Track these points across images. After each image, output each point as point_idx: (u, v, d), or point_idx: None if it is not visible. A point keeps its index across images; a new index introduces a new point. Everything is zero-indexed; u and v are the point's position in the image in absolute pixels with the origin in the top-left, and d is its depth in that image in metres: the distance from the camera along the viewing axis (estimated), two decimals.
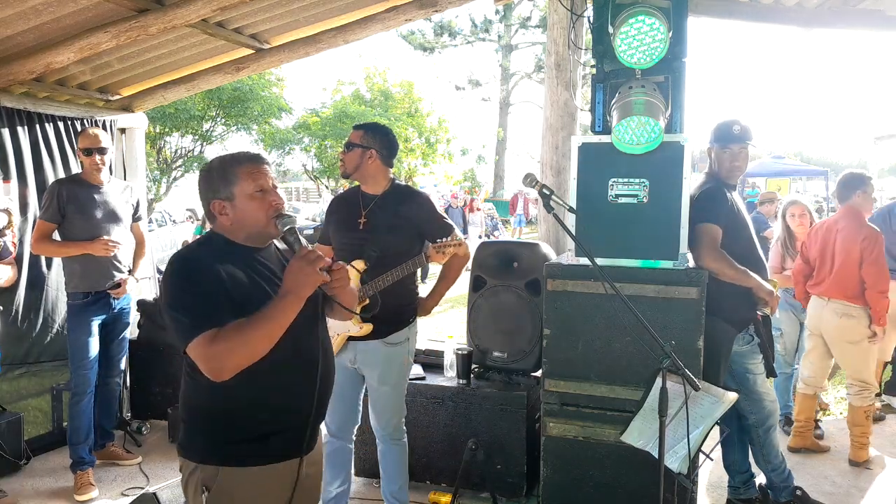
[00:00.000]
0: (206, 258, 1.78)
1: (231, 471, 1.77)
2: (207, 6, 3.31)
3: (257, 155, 1.88)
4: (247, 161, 1.83)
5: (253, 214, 1.80)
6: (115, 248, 3.65)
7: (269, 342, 1.67)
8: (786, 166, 20.62)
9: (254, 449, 1.78)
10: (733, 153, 3.14)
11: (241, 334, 1.64)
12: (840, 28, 4.42)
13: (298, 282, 1.68)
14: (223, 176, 1.81)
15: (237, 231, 1.84)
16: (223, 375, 1.66)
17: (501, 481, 3.39)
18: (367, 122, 3.09)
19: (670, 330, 2.70)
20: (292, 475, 1.81)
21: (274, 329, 1.67)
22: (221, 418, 1.78)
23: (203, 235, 1.93)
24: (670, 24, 2.64)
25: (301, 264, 1.69)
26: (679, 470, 2.21)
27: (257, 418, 1.78)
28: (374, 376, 2.97)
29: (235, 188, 1.80)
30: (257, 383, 1.74)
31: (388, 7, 4.21)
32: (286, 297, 1.68)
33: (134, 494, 3.49)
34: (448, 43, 26.29)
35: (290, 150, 19.02)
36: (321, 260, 1.69)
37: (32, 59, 3.56)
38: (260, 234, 1.84)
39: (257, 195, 1.80)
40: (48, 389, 4.25)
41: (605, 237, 2.85)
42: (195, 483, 1.78)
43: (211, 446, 1.79)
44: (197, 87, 4.78)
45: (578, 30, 4.07)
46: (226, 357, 1.65)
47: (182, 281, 1.73)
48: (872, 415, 4.10)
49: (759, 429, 3.25)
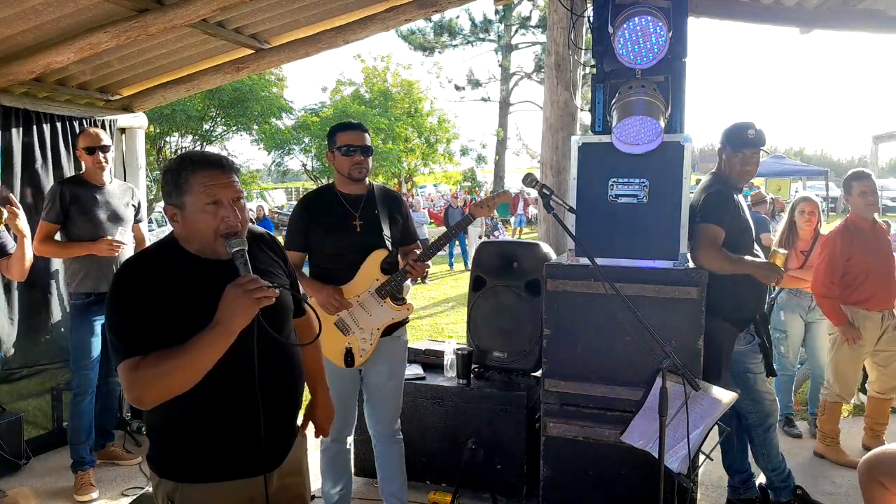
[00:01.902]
0: (151, 269, 1.64)
1: (190, 487, 1.68)
2: (207, 6, 3.31)
3: (220, 160, 1.66)
4: (205, 167, 1.63)
5: (200, 229, 1.63)
6: (120, 248, 3.65)
7: (192, 376, 1.55)
8: (786, 166, 20.66)
9: (208, 466, 1.68)
10: (745, 157, 3.12)
11: (159, 369, 1.53)
12: (839, 28, 4.43)
13: (231, 312, 1.52)
14: (176, 181, 1.63)
15: (189, 241, 1.68)
16: (143, 405, 1.59)
17: (501, 481, 3.39)
18: (360, 122, 3.03)
19: (670, 330, 2.70)
20: (260, 492, 1.72)
21: (196, 363, 1.53)
22: (172, 434, 1.69)
23: (162, 239, 1.76)
24: (670, 24, 2.64)
25: (236, 293, 1.53)
26: (679, 470, 2.21)
27: (204, 435, 1.67)
28: (382, 372, 2.97)
29: (186, 197, 1.62)
30: (197, 400, 1.62)
31: (388, 7, 4.21)
32: (214, 330, 1.53)
33: (134, 494, 3.49)
34: (448, 43, 26.25)
35: (290, 150, 19.03)
36: (260, 290, 1.53)
37: (32, 59, 3.56)
38: (208, 251, 1.67)
39: (208, 208, 1.61)
40: (48, 389, 4.24)
41: (605, 237, 2.85)
42: (161, 496, 1.72)
43: (168, 461, 1.71)
44: (197, 87, 4.78)
45: (578, 30, 4.07)
46: (143, 388, 1.55)
47: (115, 299, 1.61)
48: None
49: (758, 428, 3.25)
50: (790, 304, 4.47)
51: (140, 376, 1.54)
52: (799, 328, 4.50)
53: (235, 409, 1.67)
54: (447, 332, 8.03)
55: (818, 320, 4.40)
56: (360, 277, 2.86)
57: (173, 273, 1.64)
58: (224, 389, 1.65)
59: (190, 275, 1.65)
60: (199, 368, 1.55)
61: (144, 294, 1.59)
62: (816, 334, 4.46)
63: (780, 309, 4.52)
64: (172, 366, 1.53)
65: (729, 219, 3.02)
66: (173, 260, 1.67)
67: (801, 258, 4.43)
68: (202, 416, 1.66)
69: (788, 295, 4.48)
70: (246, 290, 1.53)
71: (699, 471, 2.85)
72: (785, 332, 4.51)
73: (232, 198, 1.64)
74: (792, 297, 4.47)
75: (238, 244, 1.61)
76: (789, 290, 4.47)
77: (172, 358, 1.53)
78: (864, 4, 4.11)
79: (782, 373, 4.56)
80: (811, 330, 4.49)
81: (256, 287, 1.54)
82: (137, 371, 1.54)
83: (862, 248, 3.88)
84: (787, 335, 4.51)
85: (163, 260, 1.67)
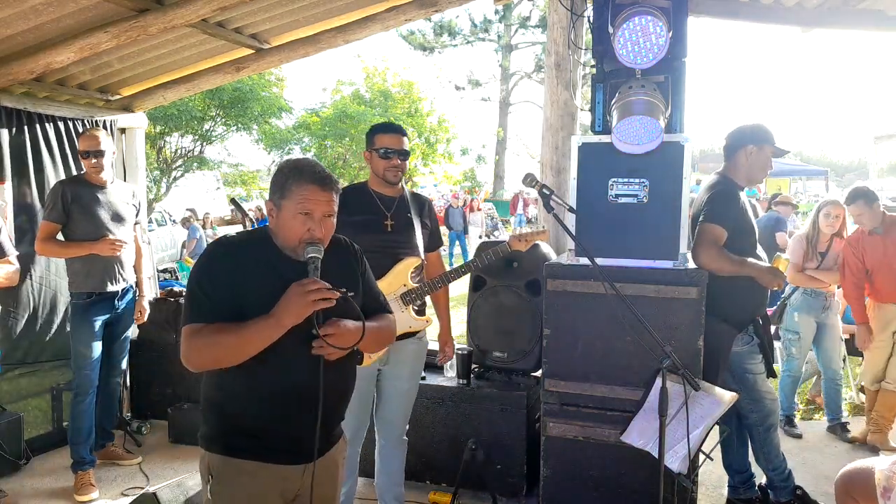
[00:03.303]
0: (240, 251, 1.81)
1: (229, 461, 1.80)
2: (207, 6, 3.31)
3: (324, 178, 1.79)
4: (309, 183, 1.77)
5: (288, 231, 1.79)
6: (122, 247, 3.65)
7: (238, 355, 1.71)
8: (786, 166, 20.64)
9: (250, 444, 1.79)
10: (767, 155, 3.14)
11: (213, 339, 1.69)
12: (840, 28, 4.43)
13: (286, 308, 1.67)
14: (282, 184, 1.80)
15: (277, 236, 1.84)
16: (190, 367, 1.73)
17: (501, 481, 3.39)
18: (401, 126, 3.02)
19: (670, 330, 2.70)
20: (294, 482, 1.82)
21: (243, 346, 1.69)
22: (222, 408, 1.83)
23: (260, 227, 1.94)
24: (670, 23, 2.64)
25: (297, 291, 1.67)
26: (679, 470, 2.21)
27: (252, 414, 1.79)
28: (403, 373, 2.97)
29: (285, 200, 1.79)
30: (259, 381, 1.76)
31: (388, 7, 4.21)
32: (267, 320, 1.68)
33: (134, 494, 3.49)
34: (448, 43, 26.27)
35: (290, 150, 19.01)
36: (319, 293, 1.66)
37: (32, 58, 3.56)
38: (291, 250, 1.82)
39: (300, 217, 1.77)
40: (48, 389, 4.25)
41: (605, 237, 2.85)
42: (205, 468, 1.85)
43: (213, 435, 1.84)
44: (197, 87, 4.78)
45: (578, 30, 4.06)
46: (194, 353, 1.72)
47: (199, 269, 1.79)
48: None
49: (759, 427, 3.25)
50: (804, 305, 4.41)
51: (195, 342, 1.71)
52: (811, 330, 4.44)
53: (292, 398, 1.78)
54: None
55: (831, 322, 4.38)
56: (391, 278, 2.86)
57: (256, 260, 1.80)
58: (277, 375, 1.77)
59: (269, 266, 1.80)
60: (247, 350, 1.70)
61: (224, 271, 1.76)
62: (829, 336, 4.43)
63: (793, 310, 4.45)
64: (224, 341, 1.69)
65: (732, 219, 3.01)
66: (260, 248, 1.83)
67: (818, 259, 4.38)
68: (253, 396, 1.78)
69: (803, 296, 4.42)
70: (306, 291, 1.66)
71: (699, 471, 2.85)
72: (798, 334, 4.44)
73: (324, 213, 1.80)
74: (807, 297, 4.41)
75: (314, 251, 1.76)
76: (804, 290, 4.42)
77: (226, 334, 1.69)
78: (864, 4, 4.10)
79: (788, 374, 4.52)
80: (823, 331, 4.44)
81: (316, 289, 1.66)
82: (194, 336, 1.71)
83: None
84: (800, 337, 4.44)
85: (252, 245, 1.84)
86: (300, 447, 1.80)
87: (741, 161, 3.15)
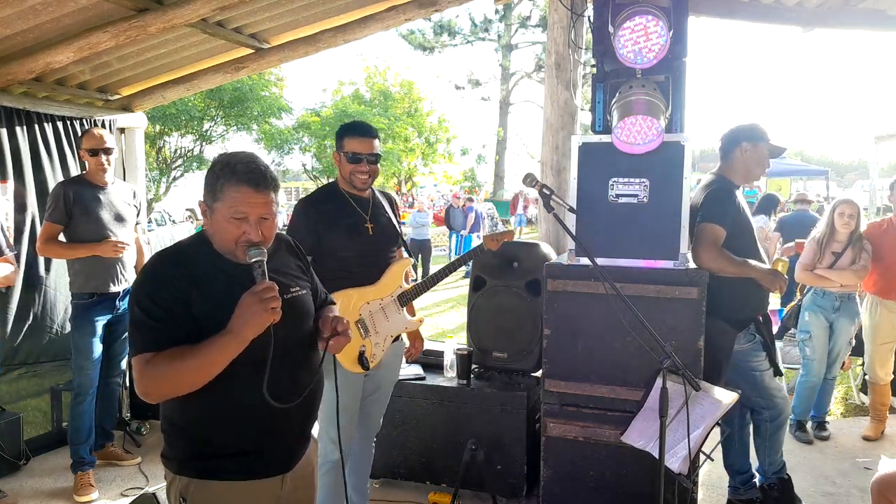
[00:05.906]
0: (182, 262, 1.67)
1: (203, 483, 1.69)
2: (207, 5, 3.30)
3: (257, 180, 1.64)
4: (242, 184, 1.63)
5: (222, 235, 1.67)
6: (124, 249, 3.65)
7: (200, 378, 1.57)
8: (786, 166, 20.64)
9: (224, 464, 1.69)
10: (763, 152, 3.15)
11: (170, 367, 1.55)
12: (840, 28, 4.43)
13: (244, 321, 1.53)
14: (213, 183, 1.66)
15: (214, 240, 1.71)
16: (150, 399, 1.60)
17: (501, 481, 3.39)
18: (372, 126, 2.94)
19: (670, 330, 2.69)
20: (272, 494, 1.75)
21: (205, 366, 1.55)
22: (190, 431, 1.71)
23: (197, 234, 1.80)
24: (670, 23, 2.63)
25: (251, 300, 1.54)
26: (679, 470, 2.20)
27: (223, 434, 1.69)
28: (388, 375, 2.97)
29: (217, 203, 1.65)
30: (217, 400, 1.65)
31: (388, 7, 4.20)
32: (225, 336, 1.54)
33: (133, 495, 3.48)
34: (448, 42, 26.26)
35: (290, 150, 19.03)
36: (275, 300, 1.56)
37: (32, 58, 3.56)
38: (230, 254, 1.69)
39: (233, 221, 1.64)
40: (48, 389, 4.24)
41: (605, 237, 2.85)
42: (175, 492, 1.74)
43: (184, 458, 1.72)
44: (197, 86, 4.78)
45: (578, 29, 4.06)
46: (152, 385, 1.58)
47: (140, 291, 1.64)
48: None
49: (772, 423, 3.25)
50: (813, 304, 4.38)
51: (150, 373, 1.56)
52: (824, 330, 4.37)
53: (255, 411, 1.67)
54: (447, 333, 8.02)
55: (842, 325, 4.35)
56: (388, 279, 2.84)
57: (198, 270, 1.66)
58: (244, 391, 1.65)
59: (212, 273, 1.67)
60: (209, 371, 1.56)
61: (169, 289, 1.61)
62: (837, 340, 4.39)
63: (804, 310, 4.43)
64: (183, 366, 1.55)
65: (730, 218, 3.01)
66: (200, 257, 1.70)
67: (831, 258, 4.32)
68: (222, 416, 1.67)
69: (814, 296, 4.39)
70: (261, 299, 1.54)
71: (699, 471, 2.84)
72: (809, 333, 4.38)
73: (259, 216, 1.65)
74: (817, 297, 4.37)
75: (257, 255, 1.63)
76: (815, 290, 4.39)
77: (183, 358, 1.55)
78: (865, 4, 4.10)
79: (806, 378, 4.42)
80: (836, 331, 4.38)
81: (272, 296, 1.55)
82: (149, 366, 1.56)
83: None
84: (811, 336, 4.38)
85: (190, 256, 1.70)
86: (277, 458, 1.75)
87: (737, 159, 3.16)
